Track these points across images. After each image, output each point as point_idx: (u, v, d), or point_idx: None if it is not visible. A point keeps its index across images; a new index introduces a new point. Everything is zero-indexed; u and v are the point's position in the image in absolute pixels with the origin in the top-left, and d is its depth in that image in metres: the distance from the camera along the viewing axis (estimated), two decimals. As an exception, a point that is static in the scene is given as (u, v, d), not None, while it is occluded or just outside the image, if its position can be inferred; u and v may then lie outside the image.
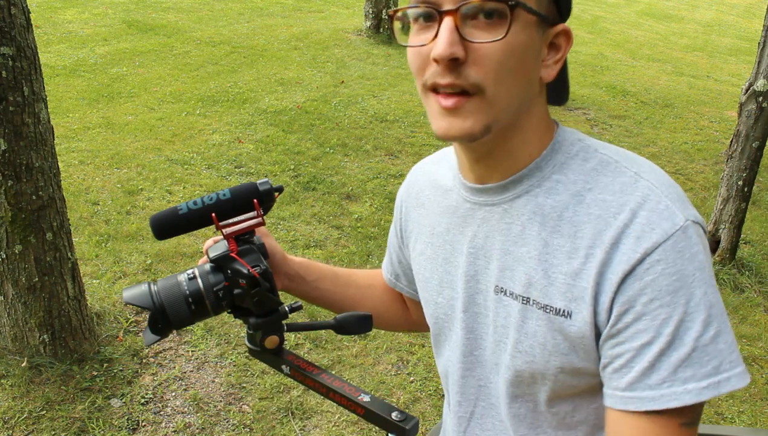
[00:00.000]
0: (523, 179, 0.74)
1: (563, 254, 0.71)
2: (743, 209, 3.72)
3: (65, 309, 2.54)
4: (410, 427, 0.78)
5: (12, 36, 2.17)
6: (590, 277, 0.68)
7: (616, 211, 0.68)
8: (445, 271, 0.84)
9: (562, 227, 0.71)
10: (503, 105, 0.68)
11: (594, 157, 0.73)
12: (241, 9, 9.58)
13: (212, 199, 0.81)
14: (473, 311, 0.80)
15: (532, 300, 0.73)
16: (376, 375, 2.73)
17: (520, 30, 0.66)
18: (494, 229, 0.77)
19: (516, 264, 0.74)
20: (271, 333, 0.85)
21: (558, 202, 0.72)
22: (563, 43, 0.72)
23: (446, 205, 0.84)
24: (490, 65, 0.65)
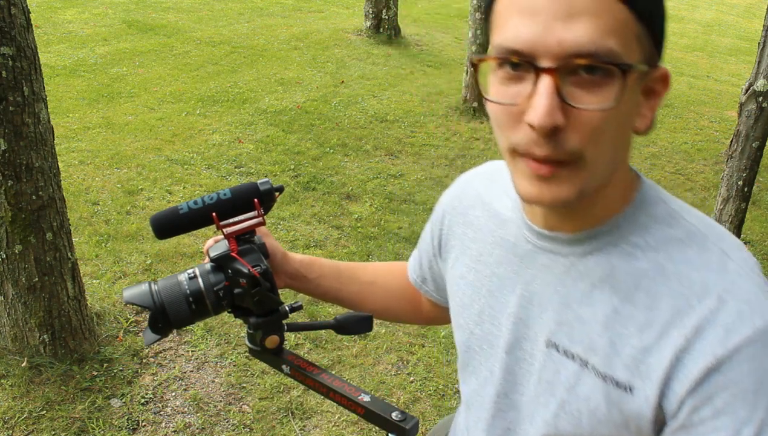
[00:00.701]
0: (598, 236, 0.69)
1: (634, 326, 0.65)
2: (743, 209, 3.72)
3: (65, 309, 2.54)
4: (410, 427, 0.78)
5: (12, 36, 2.17)
6: (663, 358, 0.63)
7: (701, 293, 0.63)
8: (487, 304, 0.80)
9: (636, 297, 0.66)
10: (600, 169, 0.62)
11: (680, 225, 0.67)
12: (241, 9, 9.58)
13: (213, 198, 0.81)
14: (517, 355, 0.76)
15: (590, 365, 0.68)
16: (376, 375, 2.73)
17: (625, 89, 0.59)
18: (557, 280, 0.72)
19: (577, 323, 0.69)
20: (271, 333, 0.85)
21: (635, 268, 0.67)
22: (660, 88, 0.65)
23: (501, 236, 0.79)
24: (591, 132, 0.59)
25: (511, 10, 0.59)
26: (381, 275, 1.07)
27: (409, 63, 7.74)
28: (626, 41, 0.58)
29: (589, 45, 0.56)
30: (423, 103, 6.34)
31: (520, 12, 0.58)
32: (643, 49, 0.60)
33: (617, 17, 0.57)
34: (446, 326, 3.29)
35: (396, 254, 3.69)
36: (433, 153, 5.23)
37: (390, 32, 8.48)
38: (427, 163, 5.04)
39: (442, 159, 5.13)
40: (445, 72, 7.53)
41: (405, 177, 4.73)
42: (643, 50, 0.60)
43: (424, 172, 4.86)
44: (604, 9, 0.56)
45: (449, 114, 6.12)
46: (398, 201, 4.31)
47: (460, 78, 6.58)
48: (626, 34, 0.58)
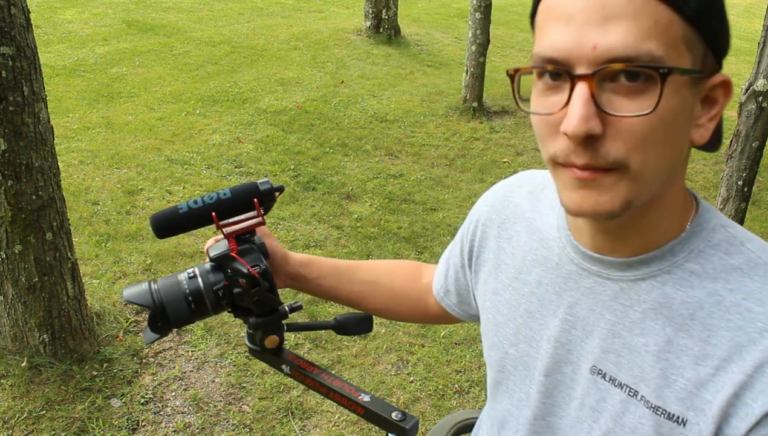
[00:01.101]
0: (651, 261, 0.65)
1: (689, 358, 0.63)
2: (743, 209, 3.72)
3: (65, 309, 2.54)
4: (410, 427, 0.78)
5: (12, 36, 2.17)
6: (720, 393, 0.60)
7: (764, 327, 0.59)
8: (525, 324, 0.77)
9: (692, 328, 0.63)
10: (648, 180, 0.58)
11: (740, 253, 0.63)
12: (241, 9, 9.58)
13: (212, 198, 0.81)
14: (556, 378, 0.74)
15: (640, 396, 0.66)
16: (376, 375, 2.73)
17: (671, 95, 0.55)
18: (604, 306, 0.68)
19: (627, 352, 0.67)
20: (271, 333, 0.85)
21: (691, 297, 0.63)
22: (720, 97, 0.61)
23: (543, 255, 0.76)
24: (633, 141, 0.56)
25: (548, 19, 0.58)
26: (382, 274, 1.05)
27: (409, 63, 7.74)
28: (670, 44, 0.55)
29: (625, 49, 0.54)
30: (423, 103, 6.34)
31: (556, 19, 0.57)
32: (694, 54, 0.57)
33: (658, 19, 0.54)
34: (447, 326, 3.29)
35: (396, 253, 3.69)
36: (432, 153, 5.23)
37: (390, 32, 8.49)
38: (427, 163, 5.04)
39: (442, 159, 5.13)
40: (445, 72, 7.53)
41: (405, 177, 4.73)
42: (694, 55, 0.57)
43: (423, 172, 4.86)
44: (642, 11, 0.54)
45: (449, 114, 6.12)
46: (398, 201, 4.31)
47: (459, 78, 6.58)
48: (670, 36, 0.55)
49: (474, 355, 2.93)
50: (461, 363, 2.86)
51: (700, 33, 0.57)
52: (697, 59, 0.57)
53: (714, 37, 0.58)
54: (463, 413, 1.50)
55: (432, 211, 4.26)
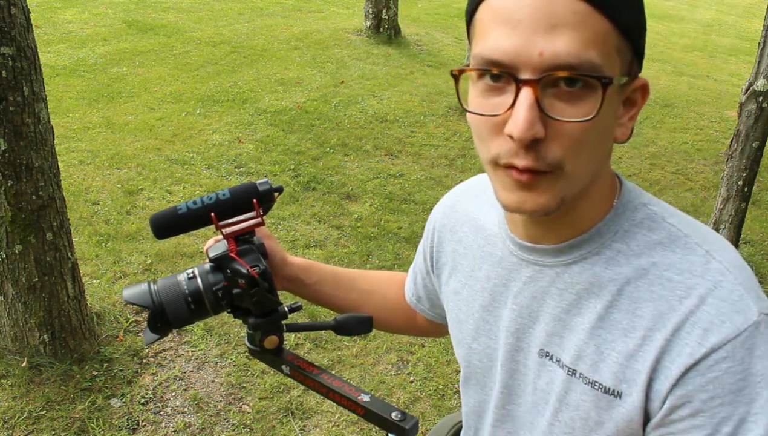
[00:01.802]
0: (581, 245, 0.69)
1: (619, 331, 0.66)
2: (743, 209, 3.72)
3: (65, 309, 2.54)
4: (410, 427, 0.78)
5: (12, 36, 2.17)
6: (646, 361, 0.64)
7: (683, 294, 0.63)
8: (482, 318, 0.81)
9: (620, 303, 0.67)
10: (580, 178, 0.63)
11: (661, 228, 0.67)
12: (241, 9, 9.58)
13: (212, 199, 0.81)
14: (510, 367, 0.78)
15: (578, 373, 0.69)
16: (376, 375, 2.73)
17: (606, 100, 0.59)
18: (544, 291, 0.72)
19: (566, 332, 0.70)
20: (270, 333, 0.85)
21: (618, 274, 0.67)
22: (639, 98, 0.66)
23: (489, 251, 0.80)
24: (571, 143, 0.59)
25: (492, 21, 0.59)
26: (379, 284, 1.07)
27: (409, 63, 7.74)
28: (607, 53, 0.58)
29: (570, 57, 0.56)
30: (423, 103, 6.34)
31: (502, 23, 0.58)
32: (623, 61, 0.60)
33: (598, 29, 0.57)
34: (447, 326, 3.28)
35: (396, 253, 3.69)
36: (433, 153, 5.23)
37: (390, 32, 8.49)
38: (427, 163, 5.04)
39: (442, 159, 5.13)
40: (445, 72, 7.53)
41: (405, 177, 4.73)
42: (623, 62, 0.61)
43: (424, 172, 4.86)
44: (585, 21, 0.56)
45: (449, 114, 6.12)
46: (398, 201, 4.31)
47: (460, 78, 6.57)
48: (607, 46, 0.58)
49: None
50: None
51: (629, 42, 0.61)
52: (625, 66, 0.61)
53: (640, 47, 0.63)
54: (462, 413, 1.49)
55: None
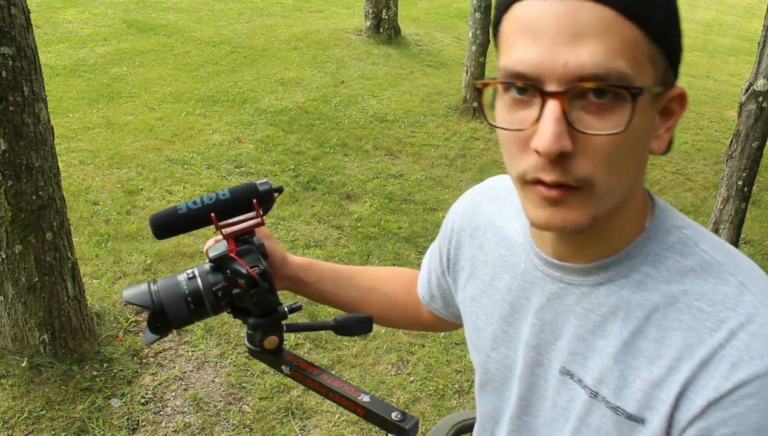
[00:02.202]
0: (609, 266, 0.67)
1: (645, 358, 0.64)
2: (743, 209, 3.72)
3: (65, 309, 2.54)
4: (410, 427, 0.78)
5: (12, 36, 2.17)
6: (671, 391, 0.62)
7: (713, 327, 0.61)
8: (500, 328, 0.79)
9: (647, 329, 0.64)
10: (612, 195, 0.60)
11: (693, 254, 0.64)
12: (241, 9, 9.58)
13: (212, 199, 0.81)
14: (529, 380, 0.76)
15: (601, 396, 0.67)
16: (376, 375, 2.73)
17: (638, 113, 0.56)
18: (568, 309, 0.70)
19: (590, 353, 0.69)
20: (270, 333, 0.85)
21: (646, 300, 0.65)
22: (677, 108, 0.62)
23: (511, 262, 0.78)
24: (601, 158, 0.56)
25: (516, 32, 0.57)
26: (381, 281, 1.06)
27: (409, 63, 7.74)
28: (637, 62, 0.55)
29: (596, 67, 0.54)
30: (423, 103, 6.34)
31: (526, 34, 0.56)
32: (656, 70, 0.57)
33: (626, 37, 0.54)
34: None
35: (396, 253, 3.69)
36: (433, 153, 5.23)
37: (390, 32, 8.49)
38: (427, 163, 5.04)
39: (442, 159, 5.13)
40: (445, 72, 7.53)
41: (405, 177, 4.73)
42: (656, 70, 0.57)
43: (424, 172, 4.86)
44: (612, 29, 0.54)
45: (449, 114, 6.12)
46: (398, 201, 4.31)
47: (460, 78, 6.58)
48: (637, 54, 0.55)
49: (474, 355, 2.93)
50: (461, 363, 2.86)
51: (663, 49, 0.57)
52: (659, 75, 0.58)
53: (675, 50, 0.59)
54: (463, 413, 1.50)
55: (432, 211, 4.26)
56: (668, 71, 0.59)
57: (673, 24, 0.58)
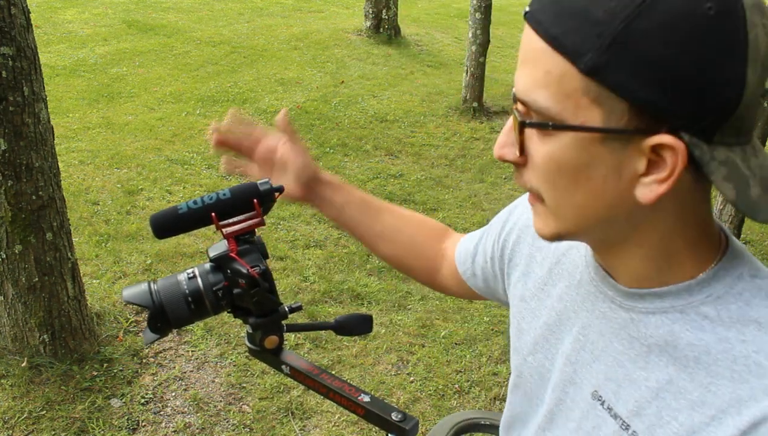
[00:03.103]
0: (665, 297, 0.63)
1: (686, 402, 0.60)
2: (743, 209, 3.72)
3: (65, 309, 2.54)
4: (410, 427, 0.78)
5: (12, 36, 2.17)
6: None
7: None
8: (543, 336, 0.77)
9: (695, 372, 0.60)
10: (568, 218, 0.60)
11: (763, 306, 0.60)
12: (241, 9, 9.58)
13: (212, 198, 0.81)
14: (559, 396, 0.74)
15: (632, 430, 0.64)
16: (376, 375, 2.73)
17: (565, 147, 0.56)
18: (613, 333, 0.67)
19: (627, 383, 0.65)
20: (270, 333, 0.85)
21: (699, 340, 0.60)
22: (669, 160, 0.54)
23: (568, 271, 0.75)
24: (540, 176, 0.59)
25: None
26: (409, 224, 1.03)
27: (409, 63, 7.74)
28: (564, 96, 0.54)
29: (521, 94, 0.57)
30: (423, 103, 6.34)
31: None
32: (608, 109, 0.53)
33: (550, 70, 0.54)
34: (446, 326, 3.28)
35: (396, 254, 3.69)
36: (433, 153, 5.23)
37: (390, 32, 8.49)
38: (427, 163, 5.04)
39: (442, 159, 5.13)
40: (445, 72, 7.53)
41: (405, 177, 4.73)
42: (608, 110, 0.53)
43: (424, 172, 4.86)
44: (539, 59, 0.54)
45: (449, 114, 6.12)
46: (398, 201, 4.31)
47: (460, 78, 6.58)
48: (563, 88, 0.54)
49: (474, 355, 2.93)
50: (461, 363, 2.86)
51: (609, 89, 0.52)
52: (613, 116, 0.53)
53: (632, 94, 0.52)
54: (463, 413, 1.50)
55: (432, 211, 4.26)
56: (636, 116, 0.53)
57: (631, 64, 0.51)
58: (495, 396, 2.70)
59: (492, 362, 2.91)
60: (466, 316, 3.20)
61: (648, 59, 0.51)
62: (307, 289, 3.26)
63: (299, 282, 3.31)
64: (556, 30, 0.53)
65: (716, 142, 0.53)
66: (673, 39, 0.50)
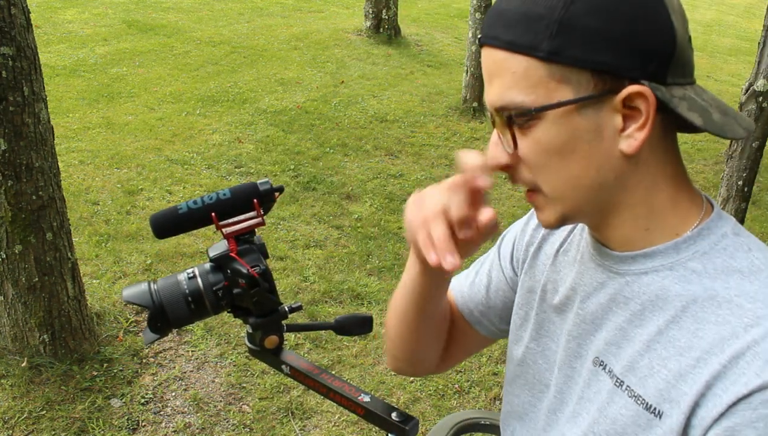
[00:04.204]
0: (655, 256, 0.68)
1: (675, 349, 0.64)
2: (743, 209, 3.72)
3: (65, 309, 2.54)
4: (410, 427, 0.78)
5: (12, 36, 2.17)
6: (695, 384, 0.61)
7: (750, 322, 0.60)
8: (548, 318, 0.80)
9: (683, 320, 0.64)
10: (568, 196, 0.66)
11: (744, 258, 0.65)
12: (241, 9, 9.58)
13: (212, 198, 0.81)
14: (567, 373, 0.76)
15: (626, 385, 0.68)
16: (376, 375, 2.73)
17: (548, 128, 0.63)
18: (612, 300, 0.71)
19: (624, 342, 0.69)
20: (270, 333, 0.85)
21: (687, 291, 0.65)
22: (642, 107, 0.62)
23: (571, 254, 0.80)
24: (534, 168, 0.66)
25: None
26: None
27: (409, 63, 7.74)
28: (534, 86, 0.62)
29: (497, 102, 0.65)
30: (423, 103, 6.34)
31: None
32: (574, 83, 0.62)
33: (515, 70, 0.63)
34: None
35: (396, 254, 3.69)
36: (433, 153, 5.23)
37: (390, 32, 8.48)
38: (427, 163, 5.04)
39: (442, 159, 5.13)
40: (445, 72, 7.53)
41: (405, 177, 4.73)
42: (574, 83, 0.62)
43: (424, 172, 4.86)
44: (503, 67, 0.63)
45: (449, 114, 6.12)
46: (398, 201, 4.31)
47: (460, 78, 6.58)
48: (531, 80, 0.62)
49: (474, 355, 2.93)
50: (461, 363, 2.86)
51: (569, 65, 0.61)
52: (581, 87, 0.62)
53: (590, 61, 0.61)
54: (463, 413, 1.50)
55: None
56: (600, 79, 0.61)
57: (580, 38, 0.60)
58: (495, 396, 2.70)
59: (492, 362, 2.91)
60: (466, 316, 3.20)
61: (592, 30, 0.60)
62: (307, 289, 3.26)
63: (299, 282, 3.31)
64: (509, 37, 0.63)
65: (670, 84, 0.62)
66: (605, 7, 0.60)
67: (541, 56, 0.61)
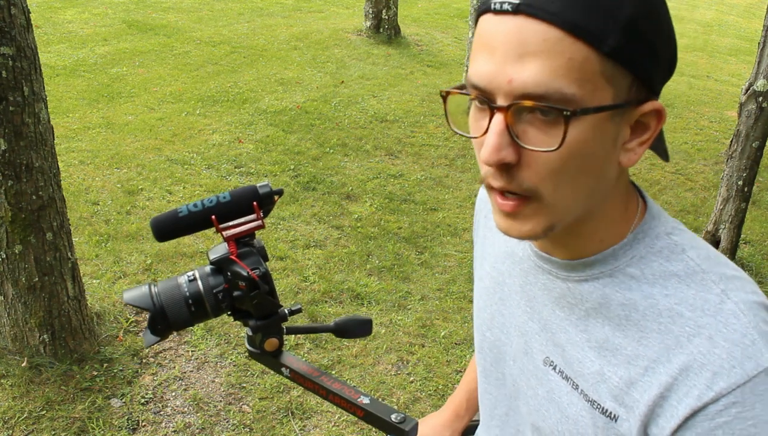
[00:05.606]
0: (594, 264, 0.68)
1: (622, 357, 0.66)
2: (743, 209, 3.73)
3: (65, 309, 2.54)
4: (410, 429, 0.78)
5: (12, 36, 2.17)
6: (647, 393, 0.63)
7: (692, 332, 0.62)
8: (498, 311, 0.83)
9: (627, 329, 0.66)
10: (565, 207, 0.62)
11: (679, 260, 0.65)
12: (241, 9, 9.58)
13: (212, 201, 0.81)
14: (519, 366, 0.80)
15: (580, 389, 0.70)
16: (376, 375, 2.73)
17: (584, 130, 0.57)
18: (555, 302, 0.73)
19: (571, 347, 0.71)
20: (270, 336, 0.85)
21: (627, 299, 0.66)
22: (653, 123, 0.61)
23: (511, 250, 0.81)
24: (546, 172, 0.58)
25: (478, 45, 0.59)
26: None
27: (409, 63, 7.74)
28: (585, 81, 0.55)
29: (537, 87, 0.55)
30: (423, 103, 6.34)
31: (483, 48, 0.58)
32: (617, 88, 0.57)
33: (572, 57, 0.55)
34: (446, 326, 3.28)
35: (396, 253, 3.69)
36: (433, 153, 5.23)
37: (390, 32, 8.49)
38: (427, 163, 5.04)
39: (442, 159, 5.14)
40: (445, 72, 7.54)
41: (405, 177, 4.73)
42: (617, 88, 0.57)
43: (424, 172, 4.86)
44: (556, 49, 0.54)
45: (449, 114, 6.12)
46: (398, 201, 4.31)
47: (459, 78, 6.58)
48: (585, 73, 0.55)
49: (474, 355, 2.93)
50: (461, 363, 2.87)
51: (623, 66, 0.57)
52: (621, 92, 0.58)
53: (641, 68, 0.58)
54: (462, 414, 1.49)
55: (432, 211, 4.26)
56: (635, 87, 0.59)
57: (636, 40, 0.56)
58: (495, 396, 2.71)
59: (492, 362, 2.91)
60: (466, 316, 3.21)
61: (648, 36, 0.57)
62: (307, 289, 3.26)
63: (299, 282, 3.31)
64: (575, 17, 0.54)
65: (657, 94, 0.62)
66: (656, 17, 0.58)
67: (605, 50, 0.55)
